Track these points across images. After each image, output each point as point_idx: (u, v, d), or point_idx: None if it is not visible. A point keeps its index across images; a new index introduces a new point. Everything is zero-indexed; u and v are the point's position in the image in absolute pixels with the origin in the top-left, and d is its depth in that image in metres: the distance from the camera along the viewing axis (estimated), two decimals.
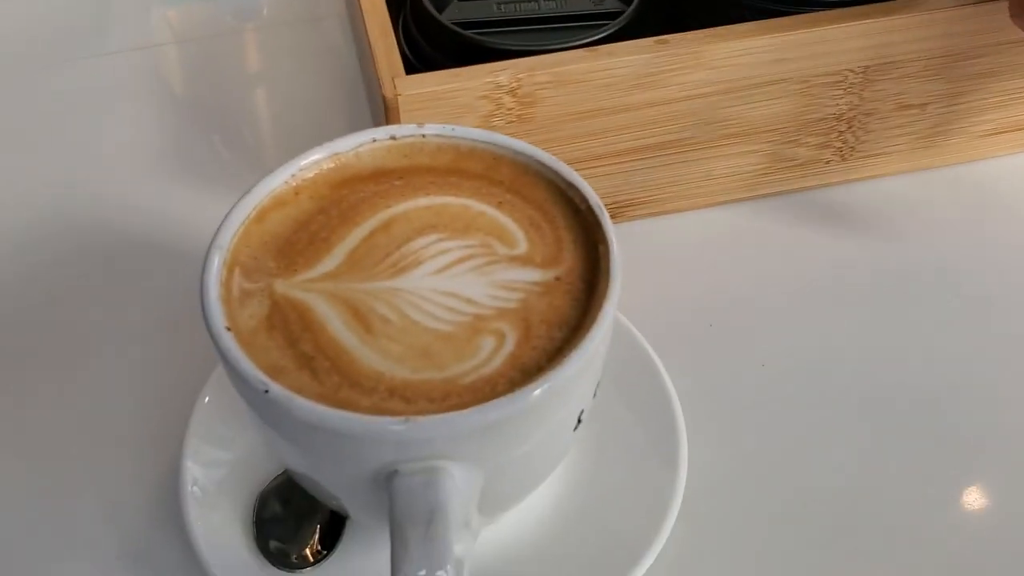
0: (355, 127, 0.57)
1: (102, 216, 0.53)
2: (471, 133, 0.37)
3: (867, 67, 0.46)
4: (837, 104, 0.48)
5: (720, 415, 0.43)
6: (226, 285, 0.33)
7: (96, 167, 0.56)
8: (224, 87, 0.61)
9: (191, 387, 0.41)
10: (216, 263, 0.33)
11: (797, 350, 0.45)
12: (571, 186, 0.36)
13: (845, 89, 0.47)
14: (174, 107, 0.60)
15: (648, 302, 0.46)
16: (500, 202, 0.36)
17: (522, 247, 0.34)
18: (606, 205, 0.49)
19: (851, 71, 0.46)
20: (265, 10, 0.67)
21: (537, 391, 0.29)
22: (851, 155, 0.50)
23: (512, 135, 0.45)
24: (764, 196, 0.51)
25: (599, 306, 0.32)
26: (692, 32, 0.44)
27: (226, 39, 0.65)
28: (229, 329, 0.31)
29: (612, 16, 0.49)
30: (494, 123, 0.45)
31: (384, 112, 0.44)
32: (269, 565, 0.37)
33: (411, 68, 0.49)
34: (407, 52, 0.50)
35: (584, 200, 0.35)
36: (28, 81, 0.61)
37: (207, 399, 0.40)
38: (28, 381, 0.45)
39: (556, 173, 0.36)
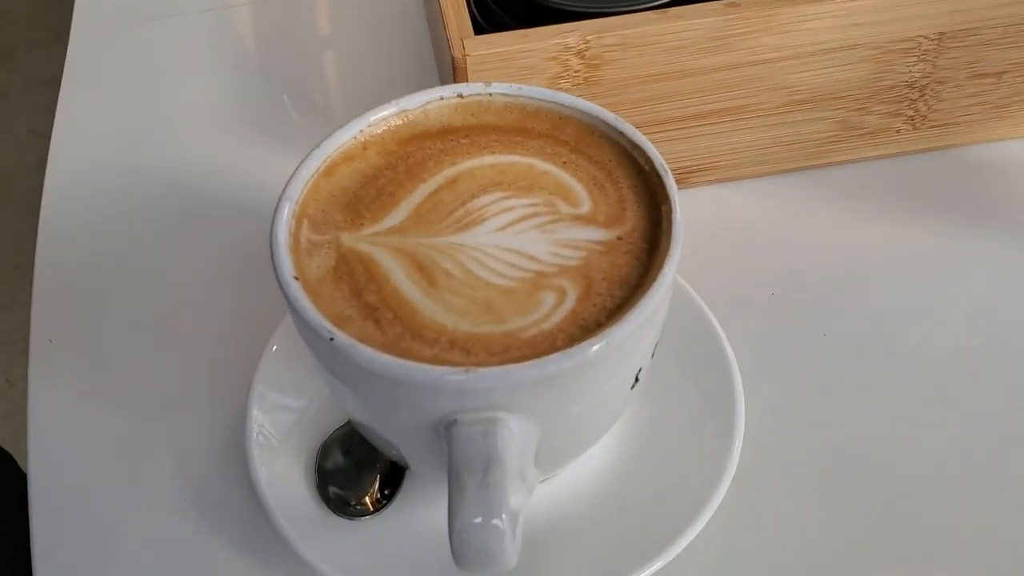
0: (423, 88, 0.57)
1: (174, 171, 0.54)
2: (537, 92, 0.37)
3: (943, 34, 0.46)
4: (910, 71, 0.47)
5: (779, 382, 0.43)
6: (295, 236, 0.34)
7: (168, 125, 0.57)
8: (295, 48, 0.62)
9: (259, 337, 0.42)
10: (286, 214, 0.34)
11: (860, 321, 0.45)
12: (636, 147, 0.36)
13: (919, 56, 0.46)
14: (246, 67, 0.61)
15: (711, 269, 0.46)
16: (565, 161, 0.36)
17: (585, 206, 0.35)
18: (672, 171, 0.49)
19: (926, 37, 0.46)
20: None
21: (595, 347, 0.30)
22: (923, 124, 0.49)
23: (579, 97, 0.45)
24: (832, 165, 0.50)
25: (660, 266, 0.32)
26: None
27: (297, 0, 0.65)
28: (297, 278, 0.32)
29: None
30: (561, 85, 0.45)
31: (452, 72, 0.44)
32: (330, 512, 0.38)
33: (479, 29, 0.50)
34: (475, 13, 0.50)
35: (648, 161, 0.35)
36: (103, 41, 0.63)
37: (274, 348, 0.42)
38: (102, 327, 0.47)
39: (621, 134, 0.36)
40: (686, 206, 0.34)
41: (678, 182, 0.49)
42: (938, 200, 0.49)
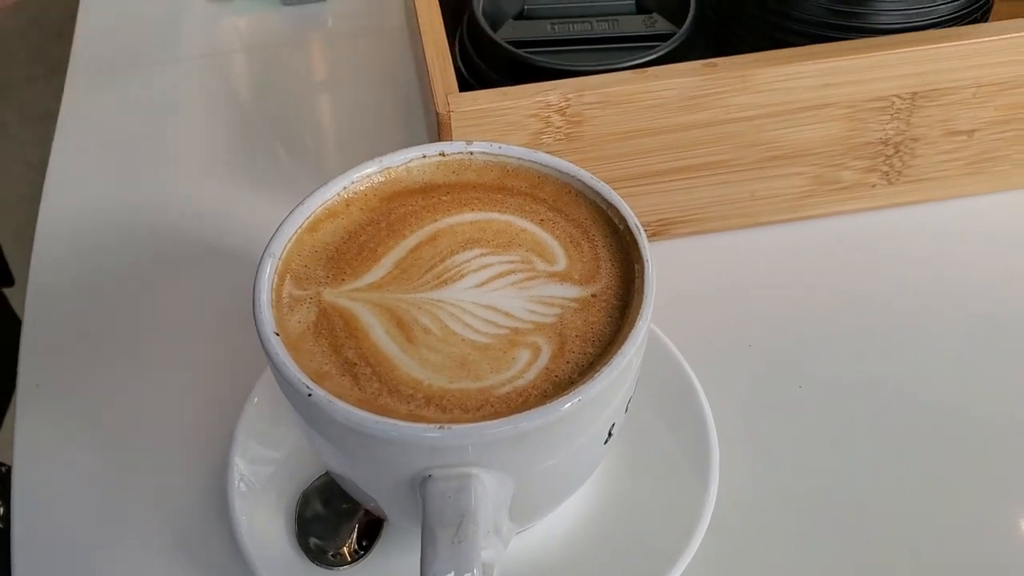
0: (413, 137, 0.59)
1: (166, 217, 0.55)
2: (517, 152, 0.38)
3: (915, 93, 0.47)
4: (884, 129, 0.48)
5: (754, 434, 0.43)
6: (277, 291, 0.34)
7: (162, 169, 0.58)
8: (289, 95, 0.63)
9: (242, 386, 0.43)
10: (268, 270, 0.34)
11: (835, 374, 0.46)
12: (611, 206, 0.37)
13: (892, 115, 0.47)
14: (239, 113, 0.62)
15: (689, 320, 0.47)
16: (542, 219, 0.37)
17: (561, 264, 0.36)
18: (650, 223, 0.50)
19: (898, 97, 0.47)
20: (330, 21, 0.69)
21: (568, 404, 0.31)
22: (898, 179, 0.50)
23: (560, 152, 0.46)
24: (809, 218, 0.51)
25: (632, 324, 0.33)
26: (740, 56, 0.45)
27: (292, 49, 0.67)
28: (277, 334, 0.33)
29: (663, 38, 0.49)
30: (543, 140, 0.46)
31: (437, 127, 0.45)
32: (308, 561, 0.38)
33: (465, 84, 0.51)
34: (462, 68, 0.52)
35: (623, 220, 0.36)
36: (100, 85, 0.64)
37: (256, 399, 0.42)
38: (89, 373, 0.47)
39: (597, 193, 0.37)
40: (665, 257, 0.35)
41: (657, 234, 0.51)
42: (913, 254, 0.50)
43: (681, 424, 0.42)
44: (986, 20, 0.50)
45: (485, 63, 0.50)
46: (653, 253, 0.34)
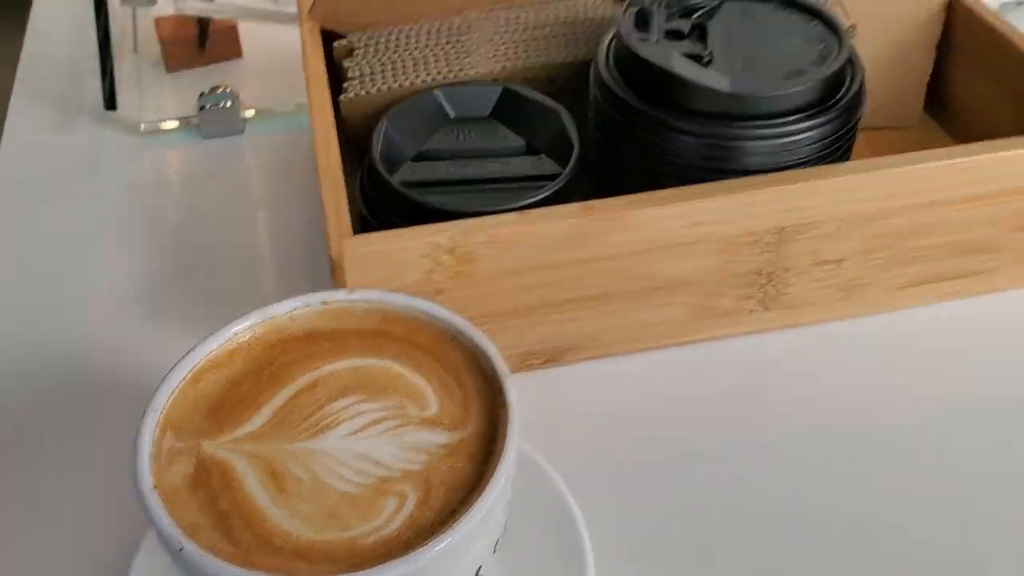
0: (323, 270, 0.61)
1: (77, 353, 0.56)
2: (397, 300, 0.41)
3: (783, 228, 0.50)
4: (756, 260, 0.51)
5: (634, 562, 0.45)
6: (158, 444, 0.36)
7: (76, 304, 0.59)
8: (206, 228, 0.65)
9: (137, 527, 0.44)
10: (149, 425, 0.36)
11: (720, 495, 0.48)
12: (482, 353, 0.39)
13: (762, 248, 0.50)
14: (156, 246, 0.64)
15: (576, 444, 0.49)
16: (418, 364, 0.39)
17: (433, 409, 0.38)
18: (544, 350, 0.52)
19: (767, 232, 0.50)
20: (248, 156, 0.71)
21: (428, 554, 0.32)
22: (773, 305, 0.53)
23: (452, 288, 0.48)
24: (694, 342, 0.54)
25: (493, 470, 0.35)
26: (615, 198, 0.48)
27: (211, 181, 0.69)
28: (155, 488, 0.34)
29: (550, 178, 0.53)
30: (435, 278, 0.48)
31: (331, 269, 0.47)
32: None
33: (366, 222, 0.53)
34: (362, 208, 0.54)
35: (491, 367, 0.38)
36: (19, 217, 0.66)
37: (150, 541, 0.43)
38: None
39: (470, 339, 0.39)
40: (558, 383, 0.37)
41: (551, 360, 0.53)
42: (793, 375, 0.53)
43: (558, 556, 0.43)
44: (847, 158, 0.53)
45: (383, 204, 0.53)
46: (547, 380, 0.36)
